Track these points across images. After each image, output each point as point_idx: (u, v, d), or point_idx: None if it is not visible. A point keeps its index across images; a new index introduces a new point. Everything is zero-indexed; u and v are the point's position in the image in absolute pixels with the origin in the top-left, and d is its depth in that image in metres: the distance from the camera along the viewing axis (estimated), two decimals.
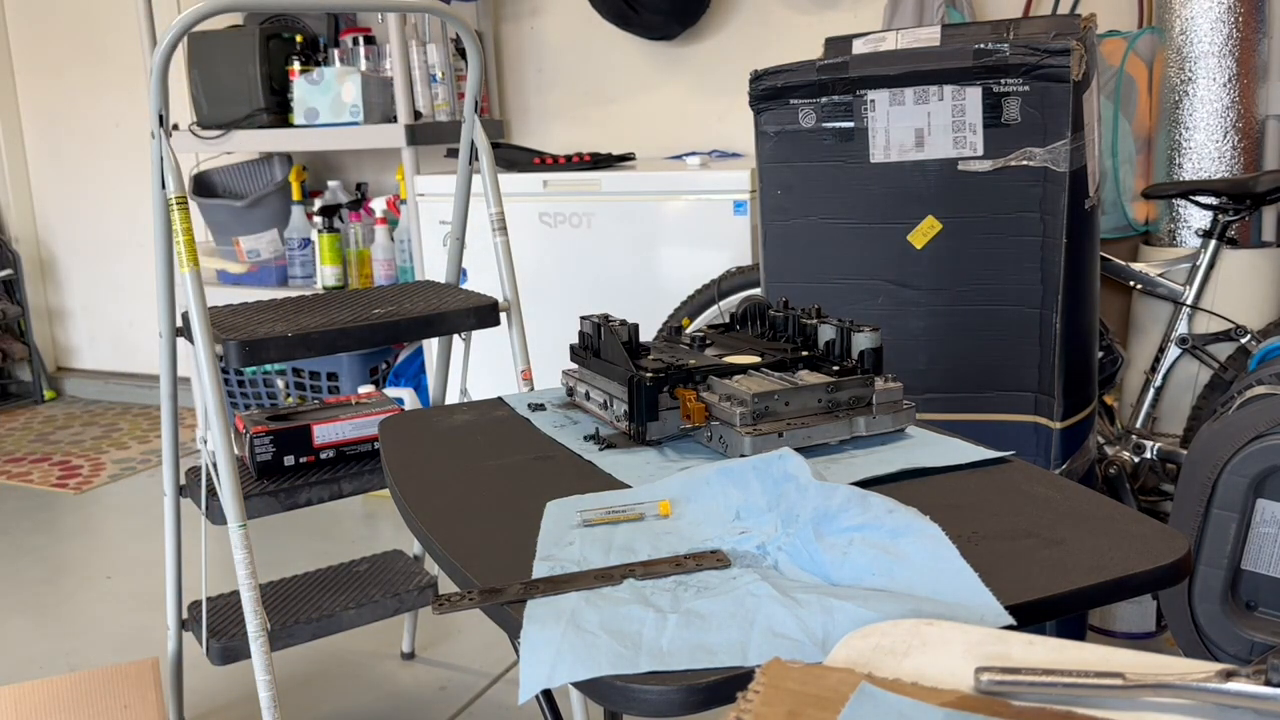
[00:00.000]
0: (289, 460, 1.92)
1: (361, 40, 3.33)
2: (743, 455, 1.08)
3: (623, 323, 1.28)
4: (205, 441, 1.73)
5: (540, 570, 0.88)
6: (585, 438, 1.22)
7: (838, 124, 1.77)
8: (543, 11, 3.55)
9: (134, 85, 4.34)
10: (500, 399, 1.40)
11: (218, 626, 1.90)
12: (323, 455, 1.95)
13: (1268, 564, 1.69)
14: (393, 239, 3.39)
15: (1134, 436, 2.28)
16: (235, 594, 1.97)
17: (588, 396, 1.30)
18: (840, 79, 1.74)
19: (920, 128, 1.71)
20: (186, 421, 4.14)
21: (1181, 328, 2.34)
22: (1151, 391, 2.36)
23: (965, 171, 1.71)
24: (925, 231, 1.74)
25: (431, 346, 3.25)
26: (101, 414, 4.46)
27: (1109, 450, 2.27)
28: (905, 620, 0.71)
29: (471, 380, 2.99)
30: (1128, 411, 2.49)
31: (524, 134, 3.66)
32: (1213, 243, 2.29)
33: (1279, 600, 1.69)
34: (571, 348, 1.33)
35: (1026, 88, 1.64)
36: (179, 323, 1.79)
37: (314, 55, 3.41)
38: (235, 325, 1.72)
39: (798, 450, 1.04)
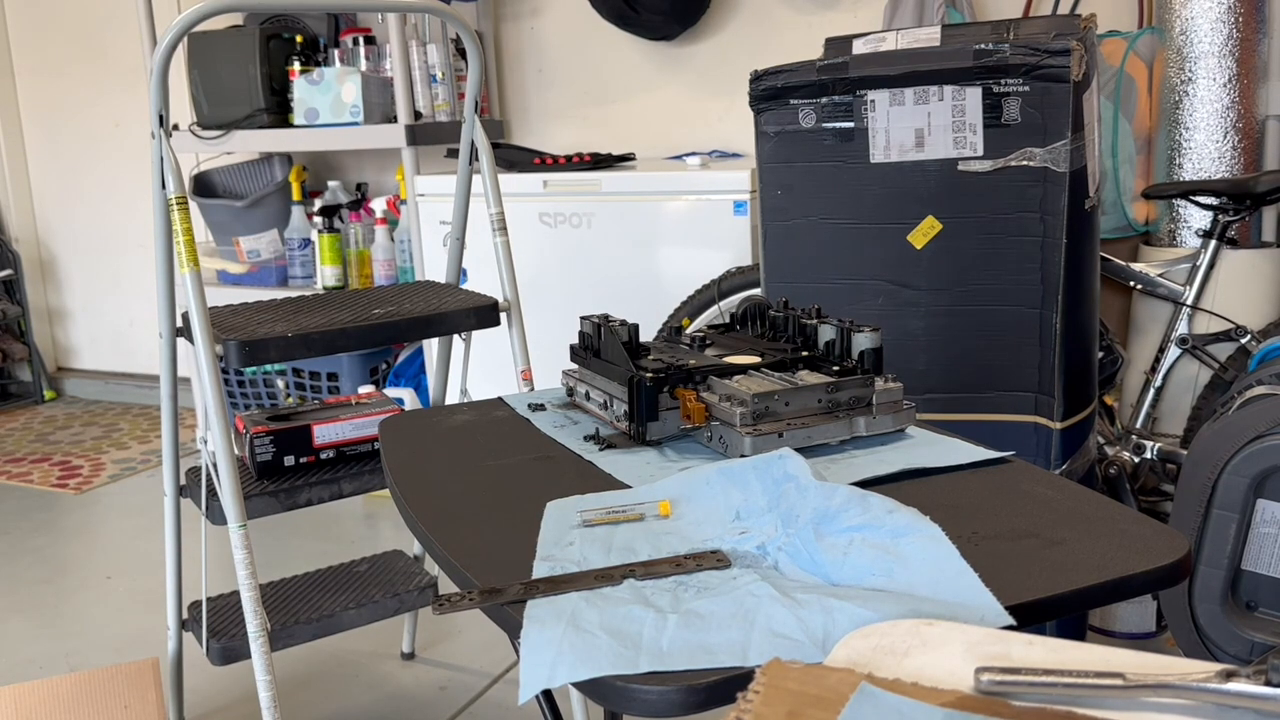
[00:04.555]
0: (289, 460, 1.92)
1: (361, 40, 3.33)
2: (743, 455, 1.08)
3: (623, 323, 1.28)
4: (205, 441, 1.73)
5: (540, 570, 0.88)
6: (585, 438, 1.22)
7: (838, 124, 1.77)
8: (543, 11, 3.55)
9: (134, 85, 4.34)
10: (500, 399, 1.40)
11: (218, 626, 1.90)
12: (323, 455, 1.95)
13: (1268, 564, 1.69)
14: (393, 239, 3.39)
15: (1134, 436, 2.28)
16: (235, 594, 1.97)
17: (588, 396, 1.30)
18: (840, 79, 1.74)
19: (920, 128, 1.71)
20: (186, 421, 4.14)
21: (1181, 328, 2.34)
22: (1151, 391, 2.36)
23: (965, 171, 1.71)
24: (925, 231, 1.74)
25: (431, 346, 3.25)
26: (101, 414, 4.46)
27: (1109, 450, 2.27)
28: (905, 620, 0.71)
29: (471, 380, 2.99)
30: (1128, 411, 2.49)
31: (524, 134, 3.66)
32: (1213, 243, 2.29)
33: (1279, 600, 1.69)
34: (571, 348, 1.33)
35: (1026, 88, 1.64)
36: (179, 323, 1.79)
37: (314, 55, 3.41)
38: (235, 325, 1.72)
39: (798, 450, 1.04)
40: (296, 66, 3.33)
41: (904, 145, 1.73)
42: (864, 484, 1.01)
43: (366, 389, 3.24)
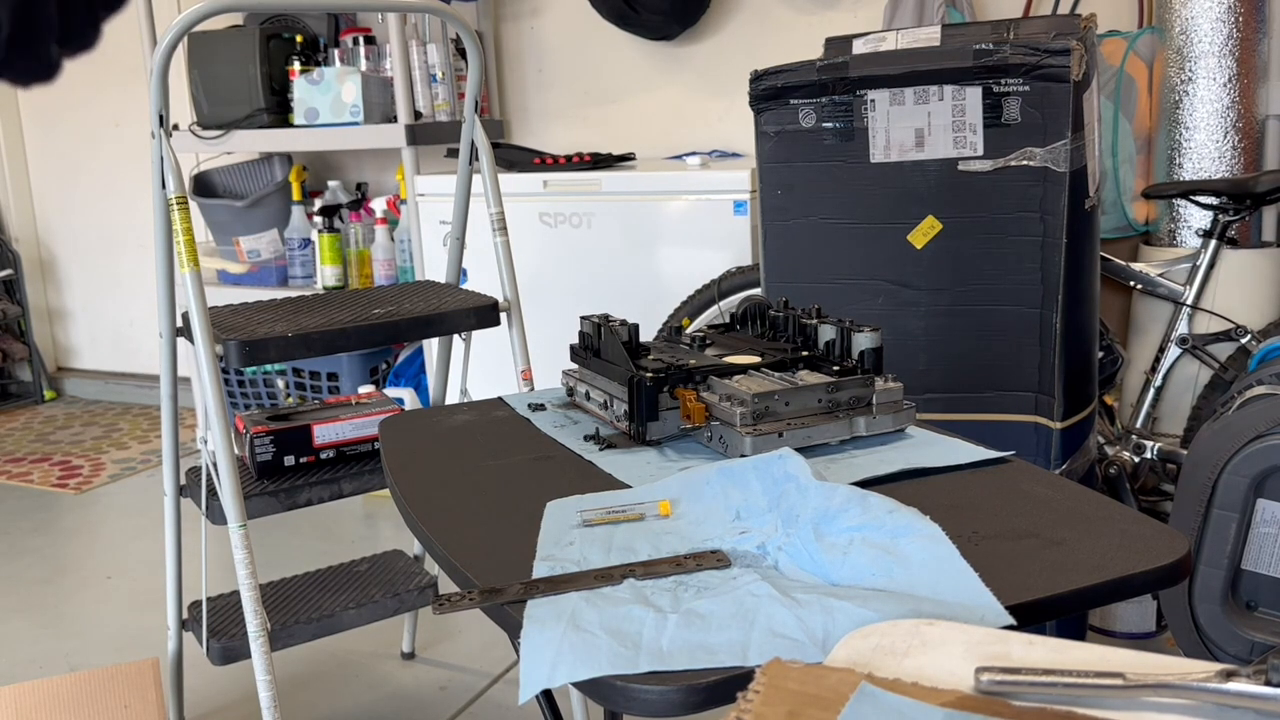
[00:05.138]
0: (289, 460, 1.92)
1: (361, 40, 3.33)
2: (743, 455, 1.08)
3: (623, 323, 1.28)
4: (205, 441, 1.73)
5: (540, 570, 0.88)
6: (585, 438, 1.22)
7: (838, 124, 1.77)
8: (543, 11, 3.55)
9: (134, 85, 4.34)
10: (500, 399, 1.40)
11: (218, 626, 1.90)
12: (323, 455, 1.95)
13: (1268, 564, 1.69)
14: (393, 239, 3.39)
15: (1134, 436, 2.28)
16: (235, 594, 1.97)
17: (588, 396, 1.30)
18: (840, 79, 1.74)
19: (920, 128, 1.71)
20: (186, 421, 4.14)
21: (1181, 328, 2.34)
22: (1151, 391, 2.36)
23: (965, 171, 1.71)
24: (925, 231, 1.74)
25: (431, 346, 3.25)
26: (101, 414, 4.46)
27: (1109, 450, 2.27)
28: (905, 620, 0.71)
29: (471, 380, 2.99)
30: (1128, 411, 2.49)
31: (524, 134, 3.66)
32: (1213, 243, 2.29)
33: (1279, 600, 1.69)
34: (571, 348, 1.33)
35: (1026, 88, 1.64)
36: (179, 323, 1.79)
37: (314, 55, 3.41)
38: (235, 325, 1.72)
39: (798, 450, 1.04)
40: (296, 66, 3.33)
41: (904, 145, 1.73)
42: (864, 484, 1.01)
43: (366, 389, 3.24)
